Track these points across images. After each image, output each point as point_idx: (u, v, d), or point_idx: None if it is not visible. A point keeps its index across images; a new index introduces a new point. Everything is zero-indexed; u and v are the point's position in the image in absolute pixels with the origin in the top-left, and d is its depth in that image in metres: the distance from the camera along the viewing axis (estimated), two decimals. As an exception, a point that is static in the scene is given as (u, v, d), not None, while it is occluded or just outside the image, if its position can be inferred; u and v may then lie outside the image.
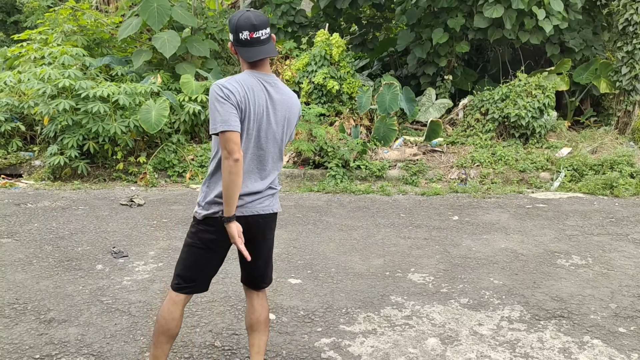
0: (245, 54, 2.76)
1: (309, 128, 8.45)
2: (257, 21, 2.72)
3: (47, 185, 8.11)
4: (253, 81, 2.76)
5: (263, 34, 2.74)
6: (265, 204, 2.89)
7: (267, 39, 2.77)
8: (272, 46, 2.80)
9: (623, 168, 8.12)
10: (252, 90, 2.73)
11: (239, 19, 2.75)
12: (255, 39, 2.73)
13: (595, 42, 10.53)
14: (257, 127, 2.77)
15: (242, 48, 2.75)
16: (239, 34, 2.73)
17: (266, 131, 2.79)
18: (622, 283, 4.65)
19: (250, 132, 2.76)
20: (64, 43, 9.81)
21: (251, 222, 2.85)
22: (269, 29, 2.80)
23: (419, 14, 10.66)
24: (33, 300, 4.23)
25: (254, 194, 2.84)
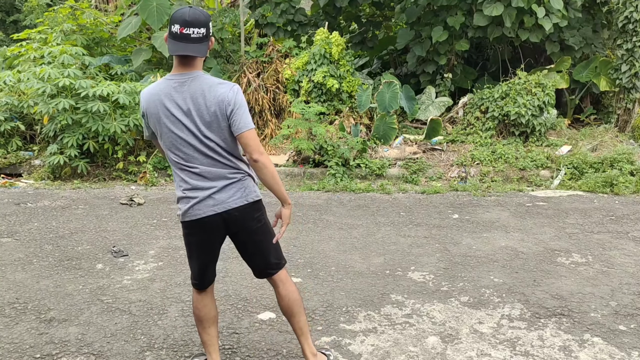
0: (170, 46, 2.78)
1: (308, 127, 8.45)
2: (190, 18, 2.72)
3: (47, 185, 8.11)
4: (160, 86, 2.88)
5: (194, 32, 2.73)
6: (233, 197, 2.90)
7: (198, 39, 2.75)
8: (203, 47, 2.78)
9: (623, 166, 8.12)
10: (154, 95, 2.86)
11: (176, 12, 2.79)
12: (184, 34, 2.73)
13: (595, 40, 10.52)
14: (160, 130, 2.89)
15: (170, 40, 2.78)
16: (172, 26, 2.76)
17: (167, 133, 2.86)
18: (622, 281, 4.65)
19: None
20: (64, 42, 9.81)
21: (226, 218, 2.92)
22: (206, 30, 2.77)
23: (419, 12, 10.65)
24: (33, 299, 4.24)
25: (200, 190, 2.89)
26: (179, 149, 2.84)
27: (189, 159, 2.85)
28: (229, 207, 2.89)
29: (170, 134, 2.83)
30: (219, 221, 2.89)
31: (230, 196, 2.88)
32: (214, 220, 2.89)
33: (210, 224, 2.91)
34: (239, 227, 2.96)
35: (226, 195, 2.88)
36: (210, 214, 2.87)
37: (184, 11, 2.75)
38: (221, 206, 2.88)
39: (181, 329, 3.78)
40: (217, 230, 2.94)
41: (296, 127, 8.54)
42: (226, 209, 2.88)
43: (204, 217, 2.89)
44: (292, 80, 9.90)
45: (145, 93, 2.90)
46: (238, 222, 2.94)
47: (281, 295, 3.11)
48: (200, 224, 2.91)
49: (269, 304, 4.16)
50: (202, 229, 2.94)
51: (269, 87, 10.19)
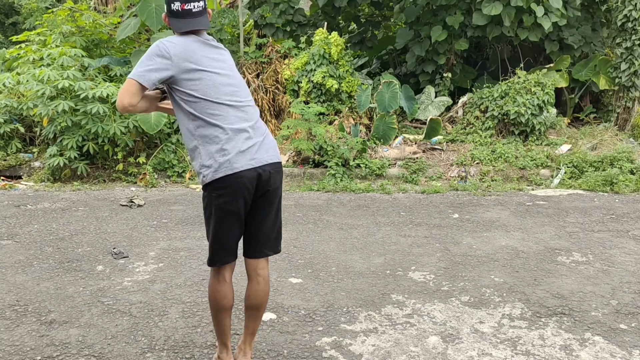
0: (175, 24, 2.87)
1: (308, 127, 8.45)
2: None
3: (46, 187, 8.11)
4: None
5: (195, 6, 2.84)
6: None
7: (199, 12, 2.86)
8: (205, 20, 2.90)
9: (623, 164, 8.12)
10: None
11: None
12: (186, 10, 2.83)
13: (594, 38, 10.52)
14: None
15: (174, 19, 2.87)
16: (171, 4, 2.85)
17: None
18: (622, 280, 4.65)
19: None
20: (63, 44, 9.80)
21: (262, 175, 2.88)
22: (203, 2, 2.89)
23: (418, 12, 10.65)
24: (34, 301, 4.23)
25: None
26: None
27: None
28: (266, 162, 2.90)
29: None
30: (252, 176, 2.86)
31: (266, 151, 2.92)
32: (248, 173, 2.84)
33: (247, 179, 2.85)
34: (270, 187, 2.94)
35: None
36: (248, 167, 2.84)
37: None
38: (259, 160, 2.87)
39: (182, 330, 3.77)
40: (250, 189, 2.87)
41: (296, 128, 8.53)
42: (262, 163, 2.88)
43: (242, 171, 2.83)
44: (291, 80, 9.90)
45: (176, 46, 2.83)
46: (270, 181, 2.92)
47: (258, 292, 3.09)
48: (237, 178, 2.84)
49: (269, 304, 4.15)
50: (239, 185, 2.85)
51: (268, 87, 10.20)
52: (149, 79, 2.76)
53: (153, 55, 2.78)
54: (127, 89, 2.75)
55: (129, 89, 2.75)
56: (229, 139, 2.81)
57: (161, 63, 2.77)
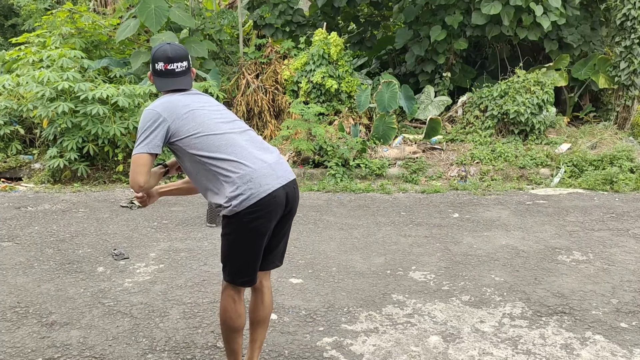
0: (158, 83, 2.92)
1: (308, 127, 8.45)
2: (172, 54, 2.90)
3: (47, 188, 8.11)
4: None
5: (178, 66, 2.90)
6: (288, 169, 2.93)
7: (182, 72, 2.92)
8: (188, 79, 2.94)
9: (623, 163, 8.12)
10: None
11: (157, 50, 2.93)
12: (169, 70, 2.89)
13: (593, 37, 10.52)
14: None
15: (157, 78, 2.93)
16: (155, 64, 2.91)
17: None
18: (623, 278, 4.65)
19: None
20: (62, 46, 9.81)
21: (289, 193, 2.87)
22: (186, 62, 2.94)
23: (417, 12, 10.65)
24: (34, 303, 4.24)
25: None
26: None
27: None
28: (289, 179, 2.88)
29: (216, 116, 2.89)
30: (282, 195, 2.84)
31: (285, 168, 2.90)
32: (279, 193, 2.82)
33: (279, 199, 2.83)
34: (294, 204, 2.94)
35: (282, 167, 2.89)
36: (277, 187, 2.81)
37: (165, 48, 2.92)
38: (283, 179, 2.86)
39: (183, 331, 3.78)
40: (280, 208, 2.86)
41: (295, 128, 8.54)
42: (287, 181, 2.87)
43: (274, 191, 2.80)
44: (291, 81, 9.90)
45: (159, 106, 2.83)
46: (294, 198, 2.93)
47: (265, 305, 3.06)
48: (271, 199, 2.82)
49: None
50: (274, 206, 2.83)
51: (268, 88, 10.20)
52: (155, 144, 2.74)
53: (145, 124, 2.77)
54: (137, 166, 2.74)
55: (139, 163, 2.74)
56: (247, 165, 2.77)
57: (155, 124, 2.75)
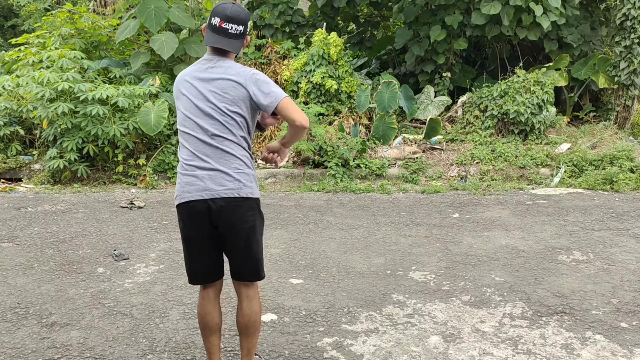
0: (207, 37, 2.86)
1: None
2: (232, 14, 2.81)
3: (47, 189, 8.11)
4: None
5: (233, 28, 2.81)
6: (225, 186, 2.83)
7: (235, 35, 2.83)
8: (236, 43, 2.86)
9: (623, 163, 8.12)
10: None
11: (218, 5, 2.86)
12: (222, 28, 2.81)
13: (593, 37, 10.52)
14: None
15: (208, 32, 2.86)
16: (212, 18, 2.84)
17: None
18: (623, 278, 4.65)
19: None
20: (62, 46, 9.81)
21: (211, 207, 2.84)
22: (244, 28, 2.85)
23: (417, 12, 10.65)
24: (35, 304, 4.24)
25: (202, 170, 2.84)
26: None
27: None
28: (217, 195, 2.82)
29: (189, 103, 2.86)
30: (204, 208, 2.82)
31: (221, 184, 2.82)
32: (200, 205, 2.82)
33: (196, 210, 2.84)
34: (224, 221, 2.87)
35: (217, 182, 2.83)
36: (197, 198, 2.81)
37: (227, 6, 2.83)
38: (209, 192, 2.82)
39: (183, 331, 3.78)
40: (203, 219, 2.85)
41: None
42: (214, 197, 2.81)
43: (191, 201, 2.83)
44: (290, 81, 9.90)
45: (181, 73, 2.95)
46: (223, 215, 2.85)
47: (243, 312, 3.02)
48: (188, 207, 2.86)
49: (270, 305, 4.16)
50: (189, 214, 2.88)
51: (267, 88, 10.18)
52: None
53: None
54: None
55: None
56: (186, 162, 2.88)
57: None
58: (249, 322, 3.02)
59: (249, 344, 3.07)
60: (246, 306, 3.02)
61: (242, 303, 3.03)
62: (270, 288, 4.48)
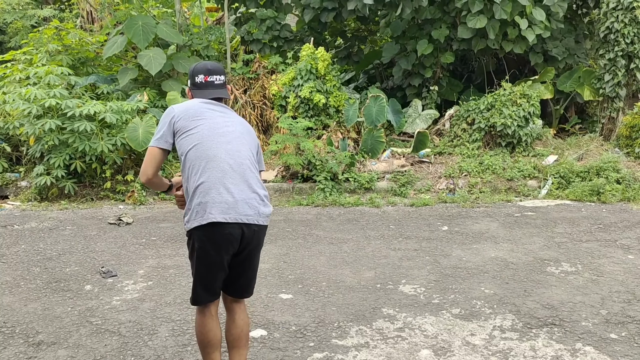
0: (198, 95, 3.13)
1: (296, 142, 8.45)
2: (212, 67, 3.16)
3: (34, 206, 8.05)
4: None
5: (217, 79, 3.14)
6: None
7: (220, 85, 3.16)
8: (224, 91, 3.18)
9: (609, 174, 8.18)
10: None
11: (196, 66, 3.18)
12: (209, 82, 3.12)
13: (577, 50, 10.64)
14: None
15: (197, 90, 3.14)
16: (195, 77, 3.14)
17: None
18: (612, 289, 4.67)
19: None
20: (49, 63, 9.78)
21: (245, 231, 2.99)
22: (224, 77, 3.19)
23: (404, 26, 10.73)
24: (21, 323, 4.18)
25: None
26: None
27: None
28: (250, 221, 2.98)
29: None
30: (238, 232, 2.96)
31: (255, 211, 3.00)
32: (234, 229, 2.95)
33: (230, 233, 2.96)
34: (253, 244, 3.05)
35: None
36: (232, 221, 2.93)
37: (205, 63, 3.18)
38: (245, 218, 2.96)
39: (172, 349, 3.74)
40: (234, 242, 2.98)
41: (284, 143, 8.54)
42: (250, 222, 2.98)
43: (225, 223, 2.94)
44: (279, 96, 9.92)
45: (179, 105, 3.10)
46: (251, 240, 3.03)
47: (236, 324, 3.12)
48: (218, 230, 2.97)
49: (260, 321, 4.13)
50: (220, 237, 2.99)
51: (256, 103, 10.21)
52: (164, 139, 3.10)
53: (161, 119, 3.15)
54: (147, 157, 3.13)
55: (148, 154, 3.13)
56: (207, 190, 2.99)
57: (166, 118, 3.10)
58: (241, 333, 3.11)
59: (242, 356, 3.13)
60: (239, 317, 3.13)
61: (234, 315, 3.13)
62: (259, 303, 4.46)
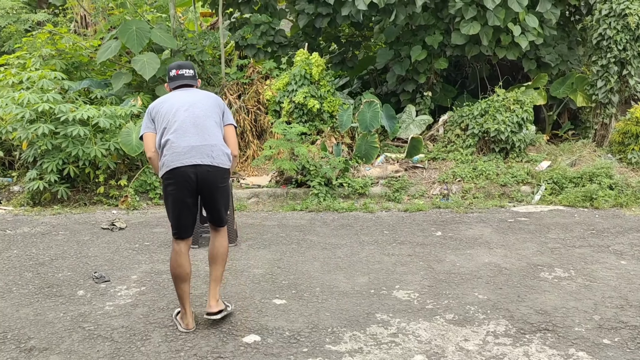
0: (172, 85, 4.27)
1: (290, 147, 8.46)
2: (182, 64, 4.30)
3: (26, 211, 8.01)
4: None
5: (186, 72, 4.26)
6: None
7: (190, 76, 4.26)
8: (194, 81, 4.29)
9: (602, 180, 8.21)
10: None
11: (171, 64, 4.31)
12: (180, 74, 4.25)
13: (570, 56, 10.70)
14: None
15: (171, 82, 4.27)
16: (170, 72, 4.28)
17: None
18: (604, 294, 4.68)
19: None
20: (43, 67, 9.75)
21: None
22: (193, 71, 4.30)
23: (398, 32, 10.76)
24: (13, 328, 4.16)
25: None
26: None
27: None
28: (202, 162, 4.03)
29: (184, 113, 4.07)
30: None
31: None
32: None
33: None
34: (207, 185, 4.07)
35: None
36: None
37: (177, 61, 4.59)
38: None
39: (165, 354, 3.72)
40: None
41: (278, 148, 8.54)
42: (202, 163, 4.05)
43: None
44: (273, 101, 9.93)
45: (155, 102, 4.22)
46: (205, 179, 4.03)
47: (214, 245, 4.19)
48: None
49: (253, 326, 4.13)
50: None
51: (250, 108, 10.21)
52: (145, 126, 4.32)
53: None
54: (144, 144, 4.36)
55: (143, 142, 4.35)
56: (174, 144, 4.05)
57: (147, 112, 4.30)
58: (217, 252, 4.17)
59: (217, 271, 4.17)
60: (217, 241, 4.21)
61: (214, 239, 4.22)
62: (253, 309, 4.45)
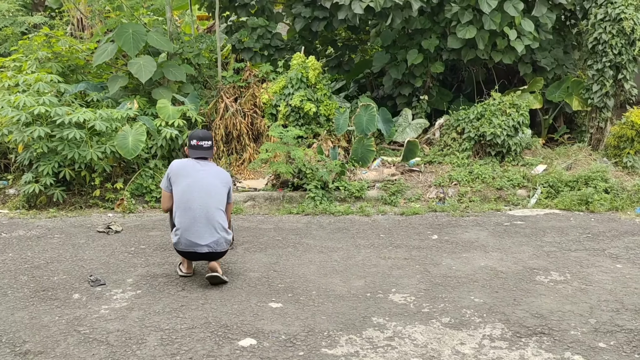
0: (191, 153, 5.10)
1: (287, 150, 8.46)
2: (202, 135, 5.12)
3: (21, 214, 7.98)
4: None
5: (205, 143, 5.09)
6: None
7: (207, 147, 5.11)
8: (209, 152, 5.13)
9: (597, 184, 8.23)
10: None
11: (193, 133, 5.14)
12: (199, 145, 5.08)
13: (566, 60, 10.74)
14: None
15: (191, 150, 5.09)
16: (191, 140, 5.09)
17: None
18: (600, 298, 4.69)
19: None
20: (39, 70, 9.72)
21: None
22: (211, 142, 5.12)
23: (394, 36, 10.78)
24: (8, 332, 4.14)
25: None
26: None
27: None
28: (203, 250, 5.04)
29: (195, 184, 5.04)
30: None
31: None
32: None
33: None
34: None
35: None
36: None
37: (198, 132, 5.15)
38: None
39: (160, 358, 3.71)
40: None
41: (274, 151, 8.54)
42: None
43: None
44: (269, 104, 9.93)
45: (179, 162, 5.16)
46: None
47: (210, 266, 5.05)
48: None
49: (250, 330, 4.12)
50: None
51: (246, 111, 10.21)
52: (164, 185, 5.33)
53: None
54: (162, 197, 5.40)
55: (162, 195, 5.38)
56: (180, 229, 5.14)
57: (168, 170, 5.29)
58: (212, 266, 4.97)
59: (213, 265, 5.03)
60: (211, 264, 4.99)
61: (209, 264, 5.04)
62: (249, 312, 4.44)
